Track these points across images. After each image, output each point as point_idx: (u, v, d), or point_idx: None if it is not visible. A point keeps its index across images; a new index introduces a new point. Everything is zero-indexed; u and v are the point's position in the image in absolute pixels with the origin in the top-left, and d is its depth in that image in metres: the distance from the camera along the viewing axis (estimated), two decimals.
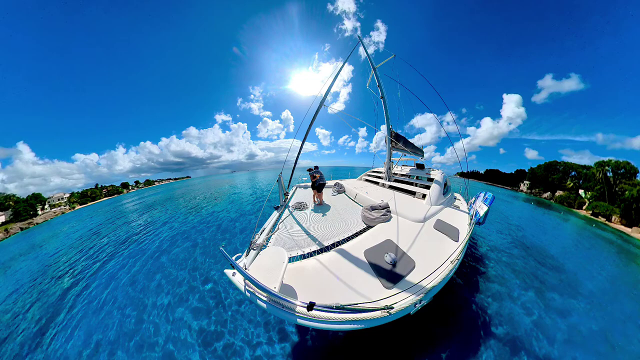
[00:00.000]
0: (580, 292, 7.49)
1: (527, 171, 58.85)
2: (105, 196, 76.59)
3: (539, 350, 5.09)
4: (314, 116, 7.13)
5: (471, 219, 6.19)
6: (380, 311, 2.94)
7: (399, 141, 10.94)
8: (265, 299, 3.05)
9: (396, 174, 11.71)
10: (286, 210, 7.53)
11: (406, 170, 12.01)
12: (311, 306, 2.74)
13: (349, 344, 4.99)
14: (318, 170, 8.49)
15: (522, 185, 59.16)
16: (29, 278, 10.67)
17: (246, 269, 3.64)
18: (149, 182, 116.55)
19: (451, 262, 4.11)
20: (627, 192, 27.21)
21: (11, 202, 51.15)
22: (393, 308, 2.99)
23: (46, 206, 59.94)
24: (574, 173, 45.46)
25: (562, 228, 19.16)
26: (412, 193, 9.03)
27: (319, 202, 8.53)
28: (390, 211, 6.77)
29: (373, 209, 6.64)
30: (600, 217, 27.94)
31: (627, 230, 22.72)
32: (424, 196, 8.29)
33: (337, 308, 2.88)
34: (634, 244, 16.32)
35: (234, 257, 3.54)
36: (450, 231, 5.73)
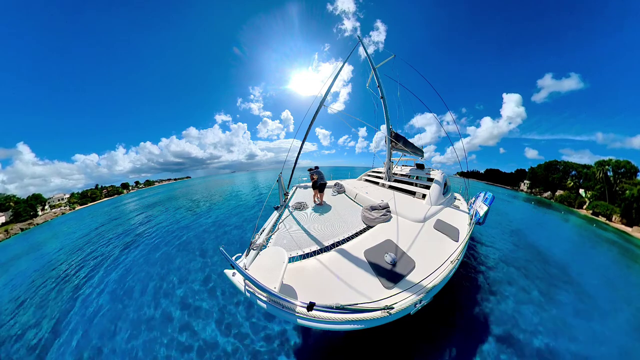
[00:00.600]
0: (583, 293, 7.47)
1: (527, 171, 58.88)
2: (106, 197, 76.66)
3: (539, 350, 5.08)
4: (314, 116, 7.12)
5: (471, 219, 6.18)
6: (380, 311, 2.94)
7: (399, 141, 10.93)
8: (265, 299, 3.05)
9: (396, 174, 11.70)
10: (286, 210, 7.52)
11: (406, 170, 12.01)
12: (311, 306, 2.73)
13: (349, 344, 4.98)
14: (318, 171, 8.45)
15: (523, 184, 59.14)
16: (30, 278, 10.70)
17: (246, 269, 3.63)
18: (149, 183, 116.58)
19: (451, 262, 4.11)
20: (627, 192, 27.22)
21: (11, 202, 51.20)
22: (393, 308, 2.99)
23: (46, 207, 59.99)
24: (574, 172, 45.44)
25: (563, 228, 19.15)
26: (412, 193, 9.03)
27: (319, 202, 8.52)
28: (390, 211, 6.76)
29: (373, 209, 6.63)
30: (600, 217, 27.93)
31: (628, 229, 22.71)
32: (424, 196, 8.29)
33: (337, 308, 2.88)
34: (635, 243, 16.33)
35: (233, 257, 3.53)
36: (450, 231, 5.72)
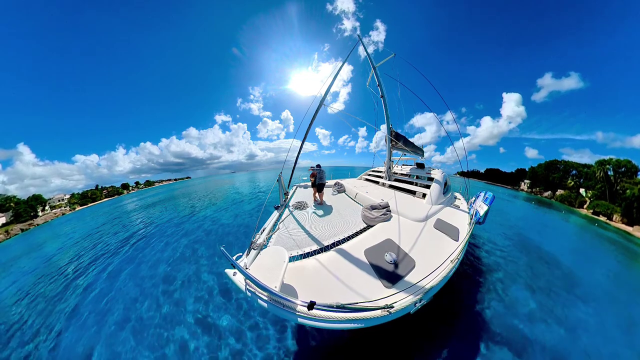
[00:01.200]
0: (585, 293, 7.43)
1: (527, 170, 58.85)
2: (106, 197, 76.72)
3: (539, 350, 5.08)
4: (313, 116, 7.13)
5: (471, 219, 6.17)
6: (380, 310, 2.94)
7: (399, 140, 10.93)
8: (266, 298, 3.06)
9: (396, 173, 11.71)
10: (286, 210, 7.52)
11: (406, 169, 12.01)
12: (312, 305, 2.74)
13: (349, 343, 4.99)
14: (319, 170, 8.43)
15: (523, 184, 59.11)
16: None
17: (247, 268, 3.64)
18: (149, 183, 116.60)
19: (451, 261, 4.11)
20: (628, 191, 27.19)
21: (12, 203, 51.26)
22: (393, 307, 2.99)
23: (47, 207, 60.05)
24: (574, 172, 45.42)
25: (565, 227, 19.15)
26: (413, 192, 9.03)
27: (319, 201, 8.52)
28: (390, 210, 6.76)
29: (373, 208, 6.63)
30: (601, 216, 27.90)
31: (629, 229, 22.69)
32: (424, 195, 8.29)
33: (338, 307, 2.88)
34: (636, 242, 16.31)
35: (234, 257, 3.54)
36: (451, 230, 5.72)
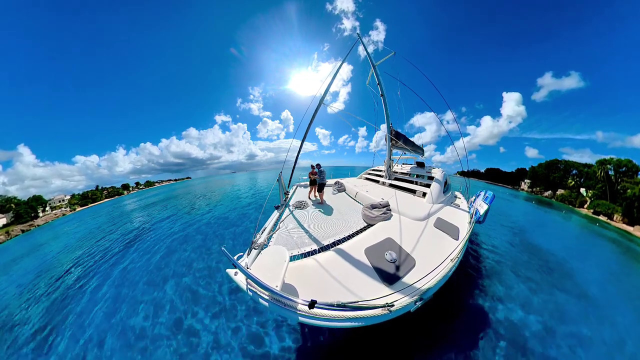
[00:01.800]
0: (585, 293, 7.41)
1: (527, 170, 58.83)
2: (106, 197, 76.78)
3: (540, 350, 5.07)
4: (313, 115, 7.14)
5: (471, 218, 6.18)
6: (381, 309, 2.95)
7: (399, 139, 10.94)
8: (267, 297, 3.07)
9: (396, 172, 11.70)
10: (287, 210, 7.53)
11: (406, 168, 12.01)
12: (312, 304, 2.75)
13: (350, 342, 4.99)
14: (320, 170, 8.45)
15: (523, 183, 59.07)
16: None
17: (248, 268, 3.64)
18: (149, 184, 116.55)
19: (451, 260, 4.12)
20: (629, 191, 27.12)
21: (12, 204, 51.29)
22: (394, 306, 2.99)
23: (47, 208, 60.07)
24: (575, 171, 45.37)
25: (566, 227, 19.13)
26: (413, 191, 9.03)
27: (320, 201, 8.53)
28: (390, 209, 6.77)
29: (373, 207, 6.64)
30: (601, 216, 27.86)
31: (629, 229, 22.67)
32: (424, 194, 8.29)
33: (338, 306, 2.89)
34: (637, 242, 16.29)
35: (235, 257, 3.55)
36: (451, 229, 5.73)
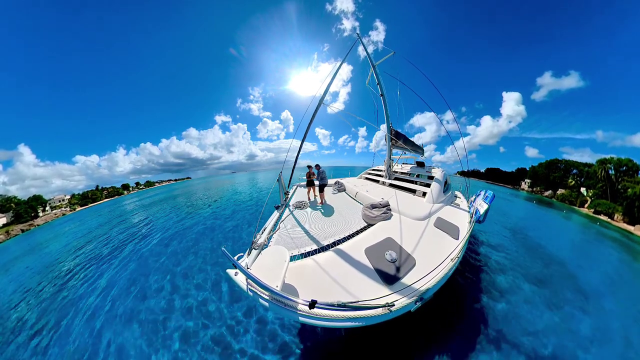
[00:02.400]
0: (586, 293, 7.40)
1: (528, 169, 58.83)
2: (106, 197, 76.80)
3: (540, 349, 5.07)
4: (313, 115, 7.12)
5: (471, 217, 6.17)
6: (381, 309, 2.94)
7: (399, 139, 10.92)
8: (268, 297, 3.06)
9: (396, 172, 11.69)
10: (287, 210, 7.53)
11: (406, 168, 12.00)
12: (313, 304, 2.75)
13: (350, 342, 4.99)
14: (320, 170, 8.46)
15: (523, 183, 59.03)
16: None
17: (248, 268, 3.64)
18: (149, 184, 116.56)
19: (451, 260, 4.10)
20: (629, 190, 27.08)
21: (12, 204, 51.33)
22: (394, 305, 2.99)
23: (47, 208, 60.12)
24: (575, 171, 45.36)
25: (566, 226, 19.13)
26: (413, 191, 9.02)
27: (319, 201, 8.53)
28: (390, 209, 6.76)
29: (373, 207, 6.63)
30: (602, 215, 27.83)
31: (630, 228, 22.66)
32: (424, 194, 8.28)
33: (339, 306, 2.89)
34: (637, 241, 16.28)
35: (235, 257, 3.54)
36: (451, 229, 5.72)
